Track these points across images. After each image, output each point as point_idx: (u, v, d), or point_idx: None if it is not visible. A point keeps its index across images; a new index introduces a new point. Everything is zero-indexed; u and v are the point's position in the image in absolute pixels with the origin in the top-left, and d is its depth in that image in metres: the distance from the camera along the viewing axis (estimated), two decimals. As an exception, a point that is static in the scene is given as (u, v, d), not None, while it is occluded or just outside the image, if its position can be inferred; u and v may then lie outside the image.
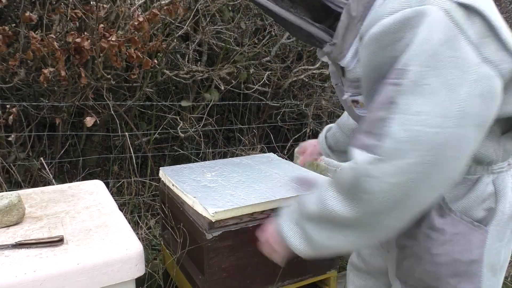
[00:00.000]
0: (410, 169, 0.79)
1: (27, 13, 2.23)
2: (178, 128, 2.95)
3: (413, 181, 0.79)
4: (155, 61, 2.66)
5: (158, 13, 2.44)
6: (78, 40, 2.23)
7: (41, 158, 2.28)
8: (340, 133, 1.47)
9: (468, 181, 0.96)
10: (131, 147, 2.66)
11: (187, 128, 2.96)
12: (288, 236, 0.99)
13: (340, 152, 1.50)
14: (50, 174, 2.32)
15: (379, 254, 1.25)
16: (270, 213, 1.69)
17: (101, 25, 2.32)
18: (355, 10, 0.89)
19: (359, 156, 0.83)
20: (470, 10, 0.79)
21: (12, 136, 2.32)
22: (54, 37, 2.24)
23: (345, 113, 1.47)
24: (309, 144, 1.64)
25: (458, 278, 0.96)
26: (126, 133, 2.52)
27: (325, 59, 1.06)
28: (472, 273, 0.96)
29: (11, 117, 2.23)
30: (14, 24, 2.53)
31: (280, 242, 1.02)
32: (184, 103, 3.03)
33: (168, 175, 1.91)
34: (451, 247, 0.95)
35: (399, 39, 0.80)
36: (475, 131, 0.80)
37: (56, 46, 2.21)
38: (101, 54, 2.36)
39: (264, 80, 3.31)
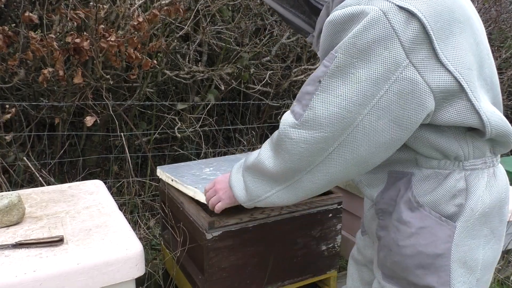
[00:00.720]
0: (323, 140, 0.93)
1: (27, 13, 2.23)
2: (176, 128, 2.95)
3: (323, 151, 0.95)
4: (155, 61, 2.66)
5: (158, 13, 2.44)
6: (77, 40, 2.23)
7: (25, 158, 2.28)
8: None
9: (439, 175, 0.99)
10: (131, 147, 2.66)
11: (184, 129, 2.96)
12: (233, 185, 1.17)
13: None
14: (46, 173, 2.32)
15: (371, 246, 1.28)
16: (270, 213, 1.69)
17: (101, 26, 2.32)
18: (332, 6, 1.00)
19: (286, 117, 0.99)
20: (410, 14, 0.84)
21: (9, 136, 2.32)
22: (53, 37, 2.24)
23: None
24: None
25: (425, 270, 0.99)
26: (122, 134, 2.52)
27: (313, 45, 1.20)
28: (439, 266, 0.98)
29: (8, 116, 2.23)
30: (14, 24, 2.53)
31: (226, 190, 1.21)
32: (180, 106, 3.03)
33: (166, 171, 1.91)
34: (417, 240, 0.98)
35: (343, 30, 0.91)
36: (389, 125, 0.90)
37: (56, 46, 2.21)
38: (100, 54, 2.36)
39: (267, 80, 3.31)
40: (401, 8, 0.84)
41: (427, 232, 0.98)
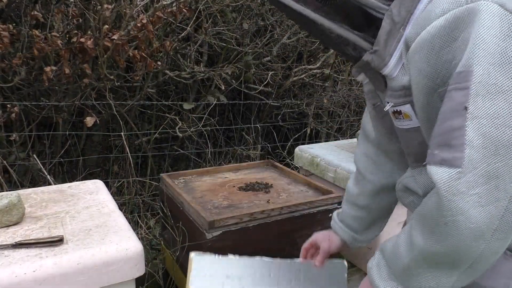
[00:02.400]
0: (496, 175, 0.72)
1: (34, 12, 2.24)
2: (177, 128, 2.95)
3: (502, 189, 0.72)
4: (159, 62, 2.67)
5: (162, 15, 2.44)
6: (82, 40, 2.23)
7: (34, 155, 2.28)
8: (355, 209, 1.31)
9: None
10: (131, 147, 2.66)
11: (186, 128, 2.96)
12: None
13: (365, 230, 1.32)
14: (46, 173, 2.32)
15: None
16: (270, 212, 1.69)
17: (106, 26, 2.32)
18: (397, 15, 0.85)
19: (438, 174, 0.75)
20: None
21: (14, 135, 2.32)
22: (57, 35, 2.24)
23: (349, 186, 1.35)
24: (321, 239, 1.37)
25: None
26: (122, 133, 2.52)
27: (360, 77, 0.99)
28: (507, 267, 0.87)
29: (13, 115, 2.23)
30: (14, 23, 2.53)
31: None
32: (186, 106, 3.03)
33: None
34: None
35: (453, 40, 0.76)
36: None
37: (60, 44, 2.22)
38: (105, 54, 2.37)
39: (268, 80, 3.31)
40: None
41: None
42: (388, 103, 0.92)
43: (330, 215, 1.85)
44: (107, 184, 2.03)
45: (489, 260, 0.79)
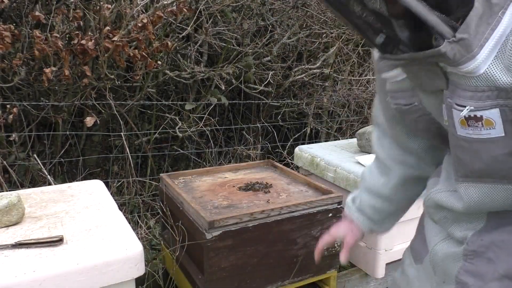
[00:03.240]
0: None
1: (36, 13, 2.24)
2: (177, 128, 2.95)
3: None
4: (159, 62, 2.67)
5: (162, 15, 2.44)
6: (83, 42, 2.23)
7: (35, 156, 2.28)
8: (376, 199, 1.20)
9: None
10: (131, 147, 2.66)
11: (186, 128, 2.96)
12: None
13: (383, 220, 1.23)
14: (46, 173, 2.32)
15: (428, 280, 1.06)
16: (269, 212, 1.69)
17: (107, 27, 2.32)
18: None
19: None
20: None
21: (14, 135, 2.32)
22: (58, 36, 2.24)
23: (367, 175, 1.23)
24: (344, 232, 1.26)
25: None
26: (122, 133, 2.52)
27: (392, 73, 0.86)
28: None
29: (11, 116, 2.23)
30: (14, 24, 2.53)
31: None
32: (188, 106, 3.03)
33: None
34: None
35: None
36: None
37: (61, 45, 2.22)
38: (105, 54, 2.37)
39: (268, 80, 3.31)
40: None
41: None
42: (465, 106, 0.74)
43: (330, 215, 1.85)
44: (107, 184, 2.03)
45: None
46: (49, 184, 2.16)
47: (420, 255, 1.07)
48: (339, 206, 1.88)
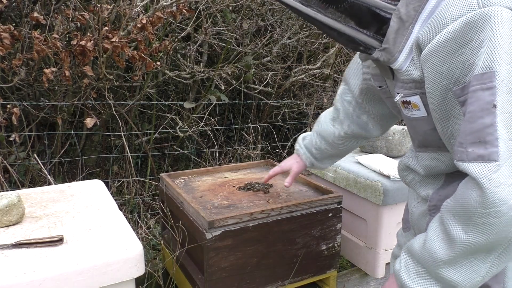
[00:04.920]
0: None
1: (35, 14, 2.24)
2: (177, 127, 2.95)
3: None
4: (158, 62, 2.67)
5: (162, 15, 2.44)
6: (82, 42, 2.23)
7: (34, 155, 2.28)
8: (322, 141, 1.52)
9: None
10: (131, 147, 2.66)
11: (186, 128, 2.96)
12: None
13: (324, 159, 1.57)
14: (46, 173, 2.32)
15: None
16: (269, 212, 1.69)
17: (106, 28, 2.32)
18: (405, 14, 0.92)
19: (477, 169, 0.80)
20: None
21: (14, 135, 2.32)
22: (57, 37, 2.24)
23: (323, 120, 1.53)
24: (291, 163, 1.63)
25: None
26: (122, 133, 2.52)
27: (368, 62, 1.10)
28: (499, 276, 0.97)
29: (13, 117, 2.23)
30: (14, 24, 2.53)
31: None
32: (187, 105, 3.03)
33: None
34: None
35: (467, 43, 0.82)
36: None
37: (60, 46, 2.22)
38: (104, 55, 2.37)
39: (268, 80, 3.31)
40: None
41: None
42: (398, 93, 1.01)
43: (330, 214, 1.85)
44: (107, 184, 2.03)
45: None
46: (49, 184, 2.16)
47: (407, 224, 1.28)
48: (339, 206, 1.88)
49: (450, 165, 1.03)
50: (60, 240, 1.24)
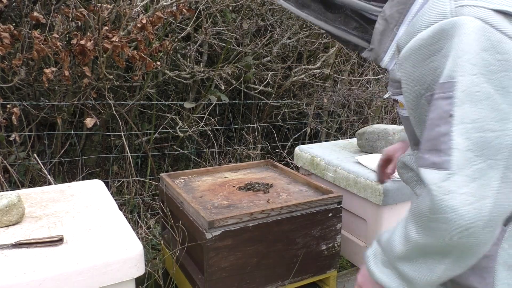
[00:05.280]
0: (481, 174, 0.80)
1: (35, 13, 2.24)
2: (177, 127, 2.95)
3: (488, 187, 0.80)
4: (158, 62, 2.67)
5: (162, 15, 2.44)
6: (82, 42, 2.23)
7: (34, 155, 2.28)
8: None
9: None
10: (131, 146, 2.66)
11: (186, 128, 2.96)
12: (384, 282, 0.97)
13: None
14: (46, 173, 2.32)
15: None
16: (269, 212, 1.69)
17: (106, 27, 2.32)
18: (389, 16, 0.96)
19: (429, 176, 0.83)
20: (509, 15, 0.81)
21: (14, 135, 2.32)
22: (57, 36, 2.24)
23: None
24: (394, 151, 1.51)
25: (468, 271, 0.96)
26: (122, 133, 2.52)
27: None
28: (483, 267, 0.97)
29: (13, 117, 2.23)
30: (14, 24, 2.53)
31: None
32: (187, 105, 3.03)
33: None
34: None
35: (438, 50, 0.83)
36: None
37: (60, 46, 2.22)
38: (104, 55, 2.37)
39: (268, 80, 3.31)
40: (497, 11, 0.81)
41: None
42: (388, 92, 1.05)
43: (330, 214, 1.85)
44: (107, 184, 2.03)
45: (480, 251, 0.86)
46: (49, 184, 2.16)
47: None
48: (339, 206, 1.88)
49: None
50: (60, 240, 1.24)
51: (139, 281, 1.38)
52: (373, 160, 2.26)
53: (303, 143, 3.62)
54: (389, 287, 0.96)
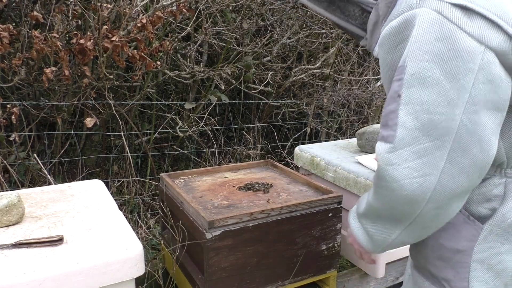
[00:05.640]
0: (427, 153, 0.86)
1: (34, 13, 2.24)
2: (177, 127, 2.95)
3: (432, 165, 0.86)
4: (158, 62, 2.67)
5: (162, 15, 2.44)
6: (82, 41, 2.23)
7: (34, 155, 2.28)
8: None
9: None
10: (131, 146, 2.66)
11: (186, 128, 2.96)
12: (356, 234, 1.10)
13: None
14: (46, 173, 2.32)
15: None
16: (269, 212, 1.69)
17: (105, 27, 2.32)
18: (381, 8, 1.01)
19: (378, 147, 0.92)
20: (466, 9, 0.85)
21: (14, 135, 2.32)
22: (57, 36, 2.24)
23: None
24: None
25: (443, 263, 1.04)
26: (122, 133, 2.52)
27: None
28: (457, 261, 1.01)
29: (12, 116, 2.23)
30: (14, 24, 2.53)
31: (356, 241, 1.12)
32: (187, 106, 3.03)
33: None
34: (439, 232, 1.02)
35: (404, 39, 0.90)
36: (488, 114, 0.86)
37: (60, 45, 2.22)
38: (104, 54, 2.37)
39: (268, 80, 3.31)
40: (454, 5, 0.85)
41: (451, 227, 1.01)
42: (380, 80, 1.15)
43: (330, 214, 1.85)
44: (107, 184, 2.03)
45: (429, 224, 0.96)
46: (49, 183, 2.16)
47: None
48: (339, 206, 1.87)
49: None
50: (60, 240, 1.24)
51: (139, 281, 1.38)
52: (373, 160, 2.26)
53: (303, 143, 3.62)
54: (357, 235, 1.10)
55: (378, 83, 1.08)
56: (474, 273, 1.00)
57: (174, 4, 2.57)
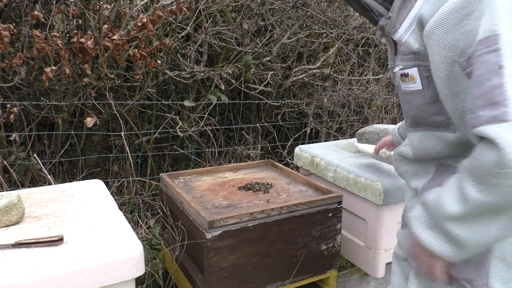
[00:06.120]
0: None
1: (35, 12, 2.24)
2: (177, 127, 2.95)
3: None
4: (159, 61, 2.67)
5: (162, 14, 2.44)
6: (82, 40, 2.23)
7: (34, 155, 2.28)
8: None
9: None
10: (131, 146, 2.65)
11: (186, 128, 2.96)
12: (430, 244, 0.95)
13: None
14: (46, 173, 2.32)
15: (410, 237, 1.19)
16: (270, 212, 1.69)
17: (106, 26, 2.32)
18: None
19: (491, 131, 0.79)
20: None
21: (14, 135, 2.32)
22: (57, 35, 2.24)
23: None
24: (386, 138, 1.66)
25: (463, 263, 0.98)
26: (122, 133, 2.52)
27: (383, 40, 1.13)
28: (479, 260, 0.97)
29: (11, 115, 2.23)
30: (14, 23, 2.53)
31: (428, 254, 0.97)
32: (187, 103, 3.03)
33: None
34: None
35: (470, 13, 0.85)
36: None
37: (60, 44, 2.22)
38: (105, 53, 2.37)
39: (268, 80, 3.31)
40: None
41: None
42: (398, 65, 1.05)
43: (330, 214, 1.85)
44: (107, 184, 2.03)
45: None
46: (49, 183, 2.16)
47: (404, 220, 1.30)
48: (339, 206, 1.88)
49: (438, 147, 1.05)
50: (60, 240, 1.24)
51: (139, 281, 1.38)
52: (370, 146, 2.25)
53: (303, 143, 3.62)
54: (437, 250, 0.93)
55: (397, 69, 1.07)
56: (493, 269, 0.98)
57: (174, 3, 2.57)
